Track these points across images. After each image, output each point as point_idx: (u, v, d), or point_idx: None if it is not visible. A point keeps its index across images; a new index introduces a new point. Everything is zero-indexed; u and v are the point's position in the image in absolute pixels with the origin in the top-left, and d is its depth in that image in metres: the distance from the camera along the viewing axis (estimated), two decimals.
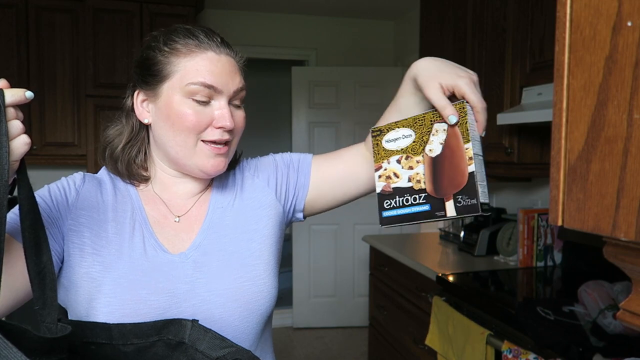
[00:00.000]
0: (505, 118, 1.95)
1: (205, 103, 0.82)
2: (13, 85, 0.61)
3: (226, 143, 0.85)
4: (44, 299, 0.62)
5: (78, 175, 0.87)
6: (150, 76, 0.83)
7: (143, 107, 0.86)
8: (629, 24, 0.41)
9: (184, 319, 0.69)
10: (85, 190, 0.85)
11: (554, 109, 0.48)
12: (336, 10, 3.83)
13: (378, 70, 3.87)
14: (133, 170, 0.88)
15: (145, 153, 0.90)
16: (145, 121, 0.86)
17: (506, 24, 2.11)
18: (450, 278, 2.03)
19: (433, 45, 2.76)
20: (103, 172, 0.91)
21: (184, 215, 0.89)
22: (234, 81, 0.83)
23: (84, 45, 3.11)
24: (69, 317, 0.82)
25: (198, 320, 0.69)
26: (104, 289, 0.78)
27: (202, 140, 0.83)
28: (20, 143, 0.59)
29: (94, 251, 0.80)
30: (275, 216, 0.93)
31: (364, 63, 4.01)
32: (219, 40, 0.84)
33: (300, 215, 0.98)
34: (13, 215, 0.72)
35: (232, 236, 0.88)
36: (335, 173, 0.96)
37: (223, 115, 0.82)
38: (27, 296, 0.73)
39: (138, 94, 0.86)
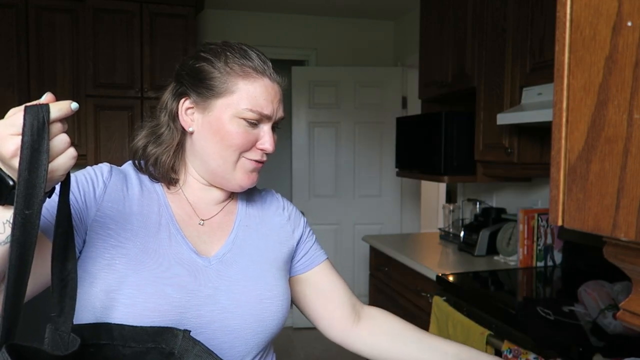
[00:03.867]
0: (505, 118, 1.95)
1: (255, 125, 0.86)
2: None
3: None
4: (62, 306, 0.62)
5: (105, 167, 0.86)
6: (204, 89, 0.85)
7: (187, 115, 0.87)
8: (629, 24, 0.41)
9: (176, 329, 0.69)
10: (113, 183, 0.85)
11: (554, 109, 0.48)
12: (336, 10, 3.82)
13: (378, 70, 3.87)
14: (164, 173, 0.89)
15: (178, 157, 0.91)
16: (190, 129, 0.87)
17: (506, 24, 2.11)
18: (450, 278, 2.03)
19: (433, 45, 2.76)
20: (128, 167, 0.91)
21: (208, 220, 0.91)
22: (280, 109, 0.89)
23: (84, 45, 3.11)
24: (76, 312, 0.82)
25: (190, 331, 0.69)
26: (128, 281, 0.78)
27: (243, 157, 0.87)
28: (67, 158, 0.59)
29: (118, 243, 0.80)
30: (289, 260, 0.98)
31: (364, 63, 4.00)
32: (271, 65, 0.88)
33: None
34: (44, 210, 0.71)
35: (254, 255, 0.91)
36: (310, 300, 1.02)
37: (268, 140, 0.87)
38: (45, 286, 0.72)
39: (184, 101, 0.87)
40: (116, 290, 0.77)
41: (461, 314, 1.83)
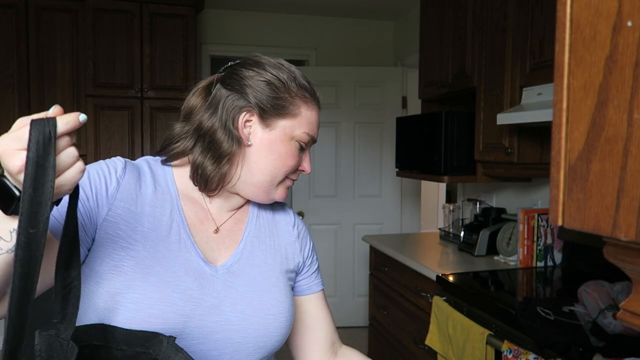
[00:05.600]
0: (505, 118, 1.95)
1: (302, 149, 0.90)
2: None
3: None
4: (64, 313, 0.61)
5: (119, 163, 0.84)
6: (271, 106, 0.85)
7: (246, 128, 0.86)
8: (629, 24, 0.41)
9: (162, 334, 0.67)
10: (126, 181, 0.82)
11: (554, 109, 0.48)
12: (336, 10, 3.82)
13: (378, 70, 3.87)
14: (220, 186, 0.87)
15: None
16: (249, 143, 0.86)
17: (506, 24, 2.11)
18: (450, 278, 2.02)
19: (433, 46, 2.76)
20: (142, 162, 0.89)
21: (221, 226, 0.90)
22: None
23: (84, 45, 3.11)
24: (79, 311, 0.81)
25: (175, 338, 0.67)
26: (134, 285, 0.76)
27: (287, 177, 0.90)
28: (74, 172, 0.57)
29: (127, 245, 0.79)
30: (294, 277, 0.97)
31: (364, 63, 4.00)
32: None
33: None
34: (54, 210, 0.69)
35: (262, 269, 0.90)
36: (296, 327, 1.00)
37: (309, 163, 0.93)
38: (49, 286, 0.70)
39: (246, 114, 0.85)
40: (122, 294, 0.76)
41: (461, 314, 1.83)
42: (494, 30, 2.19)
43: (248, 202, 0.95)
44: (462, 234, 2.57)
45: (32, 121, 0.53)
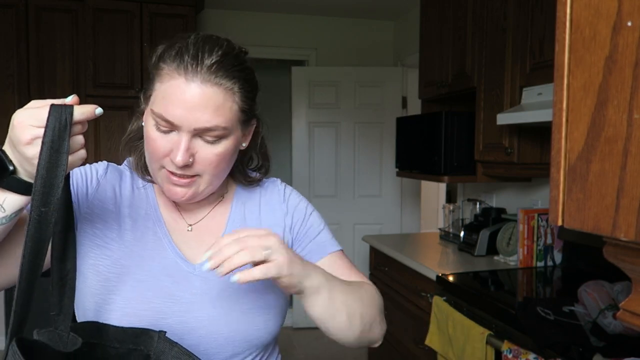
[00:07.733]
0: (505, 118, 1.95)
1: (166, 132, 0.75)
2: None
3: (192, 175, 0.78)
4: (61, 306, 0.63)
5: (102, 165, 0.86)
6: (146, 86, 0.82)
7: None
8: (629, 24, 0.41)
9: (152, 330, 0.68)
10: (106, 181, 0.84)
11: (554, 109, 0.48)
12: (336, 10, 3.82)
13: (378, 70, 3.87)
14: (146, 175, 0.87)
15: None
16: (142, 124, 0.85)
17: (506, 24, 2.11)
18: (450, 278, 2.02)
19: (433, 46, 2.76)
20: (126, 165, 0.90)
21: (196, 224, 0.88)
22: (201, 117, 0.73)
23: (84, 45, 3.11)
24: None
25: (165, 332, 0.68)
26: (109, 285, 0.77)
27: (163, 167, 0.78)
28: (77, 158, 0.61)
29: (103, 243, 0.80)
30: None
31: (364, 63, 4.00)
32: (209, 64, 0.73)
33: None
34: None
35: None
36: None
37: (178, 152, 0.74)
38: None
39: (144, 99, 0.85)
40: (98, 294, 0.77)
41: (461, 314, 1.83)
42: (494, 30, 2.19)
43: (229, 195, 0.92)
44: (462, 234, 2.57)
45: (52, 106, 0.56)
